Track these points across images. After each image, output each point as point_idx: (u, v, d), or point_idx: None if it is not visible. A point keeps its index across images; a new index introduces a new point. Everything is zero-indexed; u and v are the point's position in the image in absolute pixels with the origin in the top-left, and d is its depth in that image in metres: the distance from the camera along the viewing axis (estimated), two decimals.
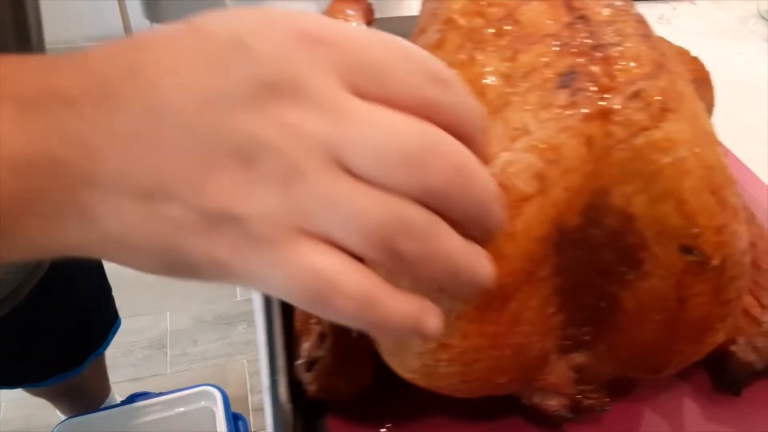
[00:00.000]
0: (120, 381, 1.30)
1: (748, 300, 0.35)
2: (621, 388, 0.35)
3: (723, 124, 0.64)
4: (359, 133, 0.19)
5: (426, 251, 0.20)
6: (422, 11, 0.35)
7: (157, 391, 1.22)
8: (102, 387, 1.01)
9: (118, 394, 1.11)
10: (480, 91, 0.28)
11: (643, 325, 0.29)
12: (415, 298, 0.21)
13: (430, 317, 0.21)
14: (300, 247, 0.19)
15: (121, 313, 0.87)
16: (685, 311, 0.29)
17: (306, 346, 0.31)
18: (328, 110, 0.19)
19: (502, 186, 0.26)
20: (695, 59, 0.40)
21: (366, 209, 0.19)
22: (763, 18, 0.85)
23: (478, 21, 0.30)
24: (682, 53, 0.40)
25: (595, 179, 0.26)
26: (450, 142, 0.20)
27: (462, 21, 0.31)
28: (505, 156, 0.26)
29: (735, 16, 0.86)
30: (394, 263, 0.20)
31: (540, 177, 0.26)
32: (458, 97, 0.21)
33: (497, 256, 0.26)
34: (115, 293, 0.86)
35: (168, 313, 1.48)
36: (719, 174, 0.27)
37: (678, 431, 0.34)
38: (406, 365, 0.30)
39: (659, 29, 0.85)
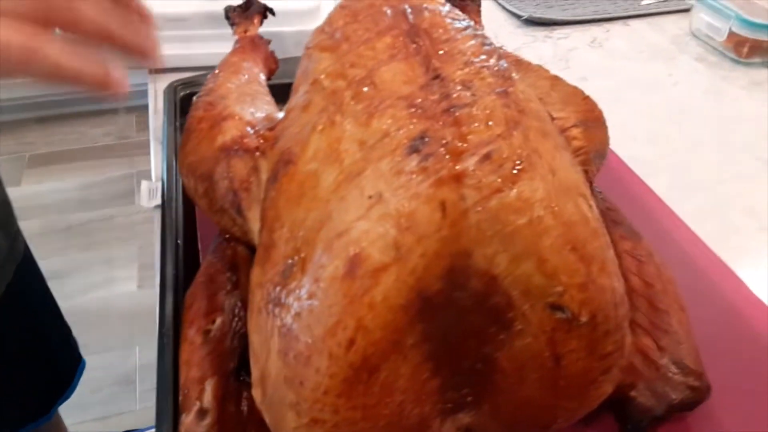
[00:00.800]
0: (88, 420, 1.28)
1: (647, 343, 0.35)
2: None
3: (645, 147, 0.65)
4: None
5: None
6: (298, 69, 0.35)
7: (126, 429, 1.20)
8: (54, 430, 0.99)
9: None
10: (337, 158, 0.28)
11: (522, 384, 0.29)
12: (97, 58, 0.28)
13: (113, 71, 0.28)
14: None
15: (89, 350, 0.86)
16: (562, 368, 0.28)
17: (185, 424, 0.30)
18: None
19: (358, 257, 0.26)
20: (587, 99, 0.40)
21: None
22: (696, 37, 0.87)
23: (340, 83, 0.30)
24: (575, 94, 0.41)
25: (453, 243, 0.26)
26: None
27: (326, 82, 0.31)
28: (360, 225, 0.26)
29: (668, 36, 0.88)
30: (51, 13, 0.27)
31: (395, 245, 0.26)
32: None
33: (359, 328, 0.26)
34: (82, 330, 0.84)
35: (137, 348, 1.46)
36: (581, 229, 0.27)
37: None
38: None
39: (591, 53, 0.86)
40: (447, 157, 0.26)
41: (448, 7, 0.34)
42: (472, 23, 0.33)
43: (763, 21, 0.77)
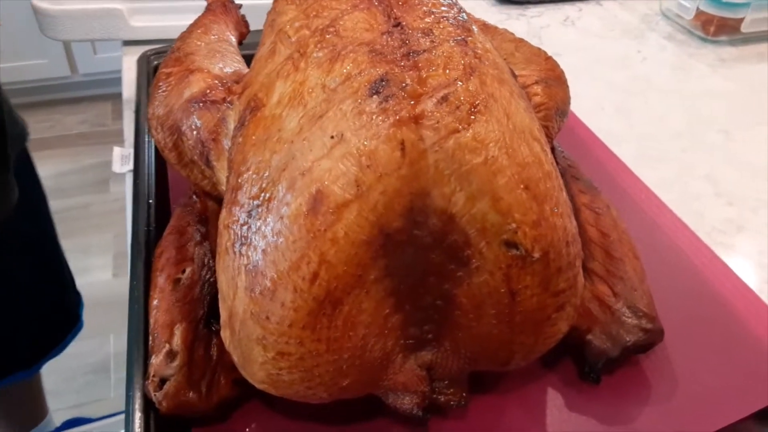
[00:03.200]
0: (62, 408, 1.27)
1: (602, 289, 0.37)
2: (487, 382, 0.36)
3: (613, 120, 0.66)
4: None
5: None
6: (265, 23, 0.36)
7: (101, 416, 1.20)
8: (36, 406, 0.99)
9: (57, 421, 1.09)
10: (301, 101, 0.29)
11: (480, 320, 0.30)
12: None
13: None
14: None
15: None
16: (517, 304, 0.30)
17: (154, 365, 0.31)
18: None
19: (321, 193, 0.27)
20: (549, 59, 0.42)
21: None
22: (666, 16, 0.89)
23: (304, 32, 0.31)
24: (538, 54, 0.42)
25: (412, 182, 0.27)
26: None
27: (291, 32, 0.32)
28: (323, 164, 0.27)
29: (639, 15, 0.90)
30: None
31: (357, 183, 0.27)
32: None
33: (322, 262, 0.27)
34: None
35: (111, 336, 1.45)
36: (534, 170, 0.29)
37: (538, 422, 0.35)
38: (254, 376, 0.30)
39: (564, 31, 0.88)
40: (406, 98, 0.27)
41: None
42: None
43: (730, 0, 0.79)
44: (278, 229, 0.27)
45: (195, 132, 0.34)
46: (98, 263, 1.63)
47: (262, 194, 0.28)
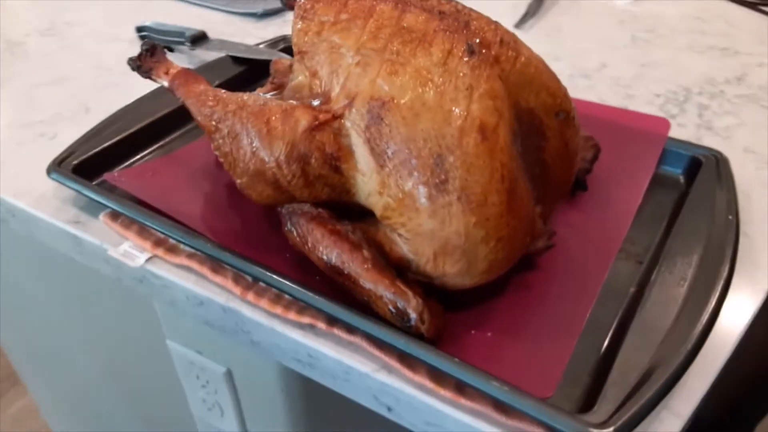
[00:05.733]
0: None
1: None
2: None
3: None
4: None
5: None
6: (311, 58, 0.45)
7: None
8: None
9: None
10: (427, 81, 0.41)
11: (557, 169, 0.48)
12: None
13: None
14: None
15: None
16: (568, 149, 0.48)
17: (411, 307, 0.41)
18: None
19: (483, 125, 0.40)
20: None
21: None
22: None
23: (381, 42, 0.43)
24: None
25: (511, 98, 0.43)
26: None
27: (371, 45, 0.43)
28: (473, 107, 0.40)
29: None
30: None
31: (497, 110, 0.41)
32: None
33: (503, 165, 0.41)
34: None
35: None
36: (546, 65, 0.46)
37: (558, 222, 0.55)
38: (474, 272, 0.42)
39: None
40: (486, 50, 0.42)
41: None
42: None
43: None
44: (468, 161, 0.40)
45: (319, 151, 0.42)
46: None
47: (438, 149, 0.40)
